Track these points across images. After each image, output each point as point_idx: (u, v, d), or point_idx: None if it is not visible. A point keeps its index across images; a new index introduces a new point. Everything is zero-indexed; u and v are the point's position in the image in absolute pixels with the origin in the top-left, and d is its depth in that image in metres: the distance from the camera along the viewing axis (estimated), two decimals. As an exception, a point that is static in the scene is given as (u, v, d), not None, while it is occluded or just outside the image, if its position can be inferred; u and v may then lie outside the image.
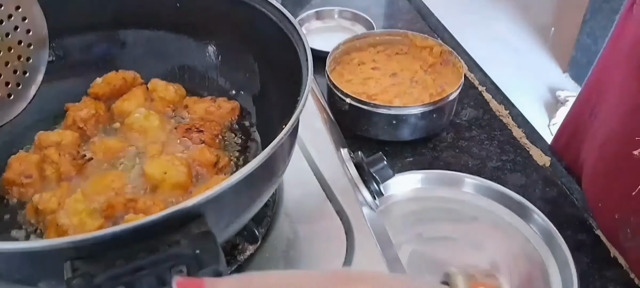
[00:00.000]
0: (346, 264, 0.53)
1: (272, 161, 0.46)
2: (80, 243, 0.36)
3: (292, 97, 0.50)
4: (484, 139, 0.79)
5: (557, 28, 2.65)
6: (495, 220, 0.67)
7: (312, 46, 0.88)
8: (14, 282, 0.41)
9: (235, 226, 0.49)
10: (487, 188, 0.69)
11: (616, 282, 0.63)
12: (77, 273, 0.35)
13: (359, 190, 0.58)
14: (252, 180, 0.44)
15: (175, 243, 0.37)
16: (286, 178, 0.62)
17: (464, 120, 0.82)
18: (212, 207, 0.40)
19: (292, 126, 0.45)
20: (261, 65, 0.63)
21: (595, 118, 0.72)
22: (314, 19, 1.01)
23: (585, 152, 0.73)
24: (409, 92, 0.77)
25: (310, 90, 0.48)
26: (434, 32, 1.01)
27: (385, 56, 0.84)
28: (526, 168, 0.75)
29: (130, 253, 0.36)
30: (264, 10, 0.58)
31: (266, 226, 0.57)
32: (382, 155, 0.60)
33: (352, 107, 0.74)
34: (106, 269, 0.35)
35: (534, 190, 0.72)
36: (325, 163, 0.63)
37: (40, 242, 0.37)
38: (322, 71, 0.78)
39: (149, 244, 0.37)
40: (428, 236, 0.65)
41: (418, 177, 0.71)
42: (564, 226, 0.67)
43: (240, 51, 0.65)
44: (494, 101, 0.85)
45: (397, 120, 0.74)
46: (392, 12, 1.08)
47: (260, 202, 0.49)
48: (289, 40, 0.55)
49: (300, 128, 0.54)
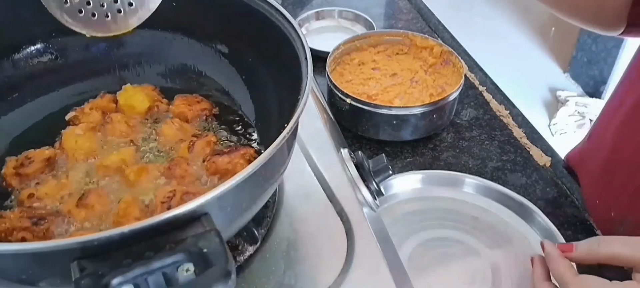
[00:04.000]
0: (346, 264, 0.53)
1: (273, 161, 0.46)
2: (87, 243, 0.36)
3: (292, 97, 0.50)
4: (484, 139, 0.79)
5: (558, 28, 2.65)
6: (496, 220, 0.67)
7: (313, 46, 0.88)
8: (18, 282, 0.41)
9: (236, 226, 0.49)
10: (488, 188, 0.69)
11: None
12: (85, 273, 0.35)
13: (360, 190, 0.58)
14: (254, 180, 0.44)
15: (182, 242, 0.37)
16: (286, 179, 0.62)
17: (464, 120, 0.82)
18: (216, 206, 0.40)
19: (293, 127, 0.45)
20: (261, 66, 0.63)
21: None
22: (314, 19, 1.01)
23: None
24: (409, 92, 0.77)
25: (310, 91, 0.48)
26: (434, 32, 1.01)
27: (385, 56, 0.84)
28: (526, 169, 0.75)
29: (137, 252, 0.36)
30: (263, 10, 0.58)
31: (266, 227, 0.57)
32: (383, 156, 0.60)
33: (352, 107, 0.74)
34: (114, 269, 0.35)
35: (534, 190, 0.72)
36: (326, 164, 0.63)
37: (47, 243, 0.37)
38: (322, 71, 0.78)
39: (156, 243, 0.37)
40: (428, 236, 0.65)
41: (418, 177, 0.71)
42: (565, 226, 0.67)
43: (240, 51, 0.65)
44: (494, 101, 0.85)
45: (398, 120, 0.74)
46: (392, 12, 1.08)
47: (261, 201, 0.49)
48: (288, 41, 0.55)
49: (300, 128, 0.54)
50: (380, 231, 0.59)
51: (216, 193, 0.39)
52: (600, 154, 0.68)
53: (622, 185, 0.61)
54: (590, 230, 0.67)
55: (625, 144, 0.63)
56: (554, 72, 2.51)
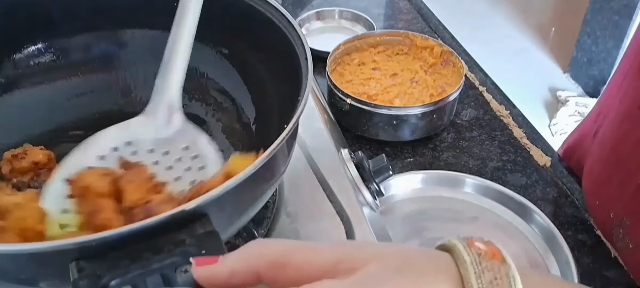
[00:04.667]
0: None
1: (273, 162, 0.46)
2: (85, 244, 0.36)
3: (292, 98, 0.50)
4: (484, 139, 0.79)
5: (558, 28, 2.65)
6: (496, 221, 0.67)
7: (313, 46, 0.88)
8: (17, 282, 0.41)
9: (235, 226, 0.49)
10: (488, 188, 0.69)
11: (617, 283, 0.63)
12: (83, 274, 0.35)
13: (360, 190, 0.58)
14: (254, 181, 0.44)
15: (181, 243, 0.37)
16: (286, 179, 0.62)
17: (464, 120, 0.82)
18: (216, 207, 0.40)
19: (293, 127, 0.45)
20: (261, 66, 0.63)
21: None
22: (315, 19, 1.00)
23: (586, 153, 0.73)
24: (409, 92, 0.77)
25: (310, 91, 0.48)
26: (435, 32, 1.01)
27: (385, 56, 0.84)
28: (527, 169, 0.75)
29: (135, 253, 0.36)
30: (263, 10, 0.58)
31: (266, 227, 0.57)
32: (383, 156, 0.60)
33: (352, 107, 0.74)
34: (112, 269, 0.35)
35: (534, 190, 0.72)
36: (326, 164, 0.63)
37: (45, 243, 0.37)
38: (322, 71, 0.78)
39: (154, 244, 0.37)
40: (429, 236, 0.65)
41: (419, 177, 0.71)
42: (565, 226, 0.67)
43: (240, 51, 0.65)
44: (495, 101, 0.85)
45: (398, 121, 0.74)
46: (392, 12, 1.08)
47: (260, 202, 0.49)
48: (288, 41, 0.55)
49: (300, 128, 0.54)
50: (381, 231, 0.59)
51: (215, 194, 0.39)
52: (601, 154, 0.68)
53: (620, 187, 0.61)
54: (591, 230, 0.67)
55: (622, 147, 0.63)
56: (554, 72, 2.51)
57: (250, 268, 0.32)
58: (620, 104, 0.65)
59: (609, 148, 0.66)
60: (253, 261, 0.32)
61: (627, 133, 0.61)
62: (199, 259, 0.33)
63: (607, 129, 0.68)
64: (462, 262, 0.31)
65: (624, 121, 0.63)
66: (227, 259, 0.33)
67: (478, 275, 0.30)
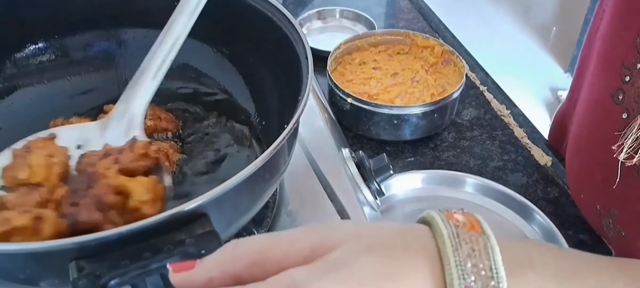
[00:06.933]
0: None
1: (273, 161, 0.46)
2: (85, 244, 0.36)
3: (293, 97, 0.50)
4: (485, 138, 0.79)
5: (559, 28, 2.64)
6: (497, 220, 0.66)
7: (314, 46, 0.88)
8: (17, 282, 0.41)
9: (236, 226, 0.49)
10: (489, 188, 0.69)
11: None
12: (83, 273, 0.35)
13: (360, 189, 0.58)
14: (254, 181, 0.44)
15: (180, 243, 0.37)
16: (287, 178, 0.62)
17: (465, 120, 0.82)
18: (215, 206, 0.40)
19: (293, 126, 0.45)
20: (261, 65, 0.63)
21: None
22: (315, 18, 1.00)
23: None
24: (410, 91, 0.77)
25: (311, 90, 0.48)
26: (436, 31, 1.01)
27: (386, 56, 0.83)
28: (527, 168, 0.75)
29: (135, 253, 0.36)
30: (264, 10, 0.58)
31: (266, 227, 0.57)
32: (384, 155, 0.60)
33: (353, 106, 0.74)
34: (112, 269, 0.35)
35: (535, 190, 0.72)
36: (326, 163, 0.63)
37: (45, 243, 0.37)
38: (323, 71, 0.78)
39: (154, 244, 0.37)
40: (429, 236, 0.65)
41: (419, 176, 0.70)
42: (566, 226, 0.67)
43: (241, 51, 0.65)
44: (495, 101, 0.85)
45: (399, 120, 0.74)
46: (393, 11, 1.08)
47: (260, 202, 0.49)
48: (289, 41, 0.55)
49: (301, 128, 0.54)
50: (381, 231, 0.59)
51: (215, 194, 0.39)
52: (578, 148, 0.67)
53: (603, 183, 0.60)
54: (592, 230, 0.67)
55: (602, 142, 0.61)
56: (555, 72, 2.51)
57: (227, 273, 0.31)
58: (590, 91, 0.63)
59: (585, 138, 0.64)
60: (229, 266, 0.31)
61: (600, 123, 0.59)
62: (175, 265, 0.32)
63: (580, 118, 0.66)
64: (440, 236, 0.30)
65: (594, 109, 0.61)
66: (204, 265, 0.32)
67: (455, 248, 0.29)
